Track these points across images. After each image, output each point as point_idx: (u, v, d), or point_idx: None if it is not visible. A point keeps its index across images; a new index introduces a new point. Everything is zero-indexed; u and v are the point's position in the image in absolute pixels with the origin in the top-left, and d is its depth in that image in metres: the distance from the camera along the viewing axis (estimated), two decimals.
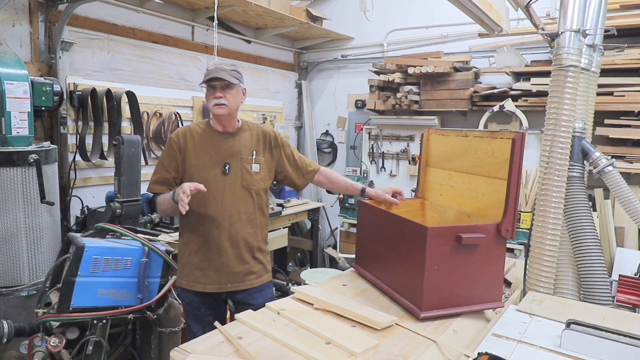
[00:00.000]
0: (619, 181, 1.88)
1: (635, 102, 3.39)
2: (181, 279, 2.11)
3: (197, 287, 2.06)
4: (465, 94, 4.16)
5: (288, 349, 1.30)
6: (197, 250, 2.06)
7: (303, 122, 5.71)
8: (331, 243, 5.37)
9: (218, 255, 2.04)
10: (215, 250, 2.04)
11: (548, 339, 1.31)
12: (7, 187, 2.43)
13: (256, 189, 2.10)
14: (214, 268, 2.05)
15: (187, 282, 2.08)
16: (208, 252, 2.04)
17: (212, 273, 2.05)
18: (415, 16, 4.79)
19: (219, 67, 2.00)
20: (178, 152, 2.05)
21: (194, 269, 2.06)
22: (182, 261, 2.11)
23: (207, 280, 2.05)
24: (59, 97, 2.94)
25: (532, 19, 2.57)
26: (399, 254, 1.65)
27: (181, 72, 4.15)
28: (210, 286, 2.06)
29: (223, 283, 2.06)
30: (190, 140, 2.06)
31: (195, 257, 2.06)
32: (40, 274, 2.54)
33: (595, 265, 1.84)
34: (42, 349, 1.87)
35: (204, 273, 2.05)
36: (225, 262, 2.05)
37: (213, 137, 2.08)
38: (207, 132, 2.09)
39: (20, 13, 3.00)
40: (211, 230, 2.03)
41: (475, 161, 1.79)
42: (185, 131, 2.10)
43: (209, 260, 2.05)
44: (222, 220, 2.03)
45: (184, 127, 2.14)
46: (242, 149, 2.09)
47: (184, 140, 2.06)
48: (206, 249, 2.04)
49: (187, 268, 2.08)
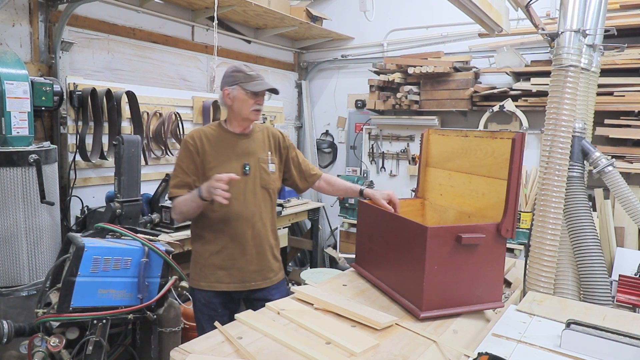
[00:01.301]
0: (619, 181, 1.88)
1: (635, 102, 3.39)
2: (199, 280, 2.10)
3: (219, 287, 2.07)
4: (465, 94, 4.16)
5: (288, 349, 1.30)
6: (220, 251, 2.06)
7: (303, 122, 5.71)
8: (331, 243, 5.36)
9: (242, 254, 2.07)
10: (239, 250, 2.07)
11: (548, 339, 1.31)
12: (7, 187, 2.43)
13: (273, 188, 2.16)
14: (237, 267, 2.07)
15: (207, 283, 2.08)
16: (232, 252, 2.06)
17: (236, 272, 2.07)
18: (415, 16, 4.79)
19: (259, 74, 2.07)
20: (196, 154, 2.04)
21: (217, 269, 2.07)
22: (201, 262, 2.10)
23: (230, 280, 2.07)
24: (59, 97, 2.94)
25: (532, 19, 2.57)
26: (399, 254, 1.65)
27: (181, 72, 4.15)
28: (233, 285, 2.08)
29: (246, 281, 2.09)
30: (207, 142, 2.06)
31: (218, 258, 2.07)
32: (40, 274, 2.54)
33: (595, 265, 1.84)
34: (42, 349, 1.87)
35: (228, 272, 2.07)
36: (249, 261, 2.08)
37: (229, 139, 2.10)
38: (222, 133, 2.10)
39: (20, 13, 3.00)
40: (235, 230, 2.05)
41: (475, 161, 1.79)
42: (199, 133, 2.09)
43: (232, 260, 2.07)
44: (245, 220, 2.06)
45: (196, 129, 2.13)
46: (257, 149, 2.13)
47: (200, 142, 2.05)
48: (230, 248, 2.06)
49: (208, 269, 2.08)
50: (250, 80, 2.04)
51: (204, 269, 2.09)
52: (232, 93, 2.05)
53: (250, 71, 2.07)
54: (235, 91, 2.04)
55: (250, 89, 2.03)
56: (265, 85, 2.07)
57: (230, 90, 2.05)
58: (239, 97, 2.04)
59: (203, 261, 2.10)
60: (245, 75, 2.04)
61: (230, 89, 2.05)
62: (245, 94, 2.03)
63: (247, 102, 2.04)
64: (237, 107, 2.06)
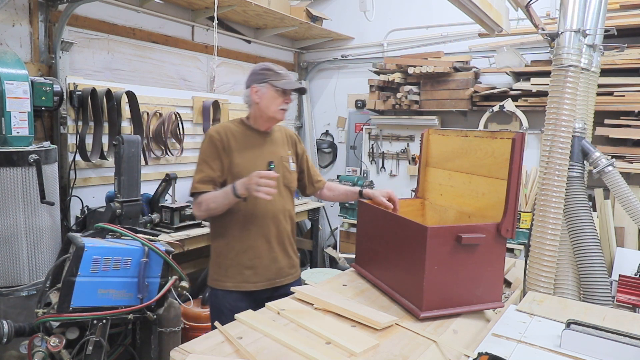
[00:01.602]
0: (619, 181, 1.88)
1: (635, 102, 3.39)
2: (225, 281, 2.06)
3: (246, 286, 2.04)
4: (465, 94, 4.16)
5: (288, 349, 1.30)
6: (246, 250, 2.04)
7: (303, 122, 5.71)
8: (331, 243, 5.36)
9: (269, 252, 2.07)
10: (266, 247, 2.06)
11: (548, 339, 1.31)
12: (7, 187, 2.43)
13: (293, 187, 2.19)
14: (264, 265, 2.06)
15: (233, 284, 2.04)
16: (259, 250, 2.05)
17: (263, 270, 2.06)
18: (415, 16, 4.79)
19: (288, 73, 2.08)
20: (222, 150, 2.01)
21: (243, 268, 2.04)
22: (227, 263, 2.06)
23: (257, 279, 2.05)
24: (59, 97, 2.94)
25: (532, 19, 2.57)
26: (399, 254, 1.65)
27: (181, 72, 4.15)
28: (260, 284, 2.06)
29: (272, 279, 2.08)
30: (232, 138, 2.04)
31: (245, 257, 2.04)
32: (40, 274, 2.54)
33: (595, 265, 1.84)
34: (42, 349, 1.87)
35: (255, 272, 2.05)
36: (275, 258, 2.08)
37: (255, 136, 2.09)
38: (247, 131, 2.09)
39: (20, 13, 3.00)
40: (261, 228, 2.04)
41: (475, 161, 1.79)
42: (225, 129, 2.06)
43: (260, 258, 2.05)
44: (271, 217, 2.06)
45: (220, 125, 2.11)
46: (279, 148, 2.14)
47: (227, 138, 2.02)
48: (257, 246, 2.05)
49: (235, 269, 2.05)
50: (280, 78, 2.03)
51: (229, 270, 2.05)
52: (261, 91, 2.03)
53: (280, 69, 2.06)
54: (264, 89, 2.03)
55: (281, 87, 2.02)
56: (295, 84, 2.07)
57: (259, 87, 2.03)
58: (267, 95, 2.03)
59: (228, 261, 2.06)
60: (275, 74, 2.04)
61: (259, 86, 2.03)
62: (275, 92, 2.03)
63: (276, 100, 2.03)
64: (265, 105, 2.04)
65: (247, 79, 2.10)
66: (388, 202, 1.99)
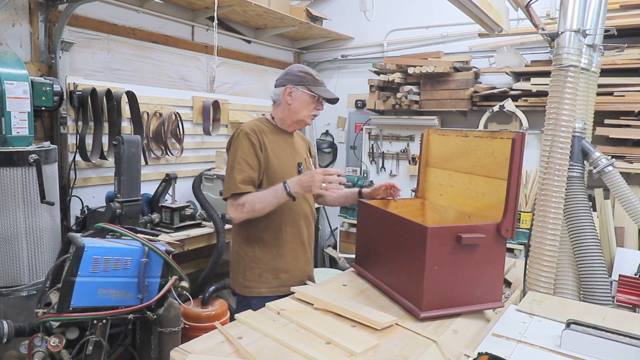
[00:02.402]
0: (619, 181, 1.88)
1: (635, 102, 3.39)
2: (259, 287, 2.00)
3: (283, 290, 1.94)
4: (465, 94, 4.16)
5: (288, 349, 1.30)
6: (283, 253, 2.01)
7: None
8: (331, 243, 5.36)
9: (303, 254, 2.08)
10: (301, 250, 2.07)
11: (548, 339, 1.31)
12: (7, 187, 2.43)
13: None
14: (299, 268, 2.06)
15: (268, 289, 1.99)
16: (295, 253, 2.04)
17: (298, 273, 2.05)
18: (415, 16, 4.79)
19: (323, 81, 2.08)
20: (260, 149, 1.95)
21: (280, 272, 2.00)
22: (262, 267, 2.00)
23: (293, 282, 1.99)
24: (59, 97, 2.94)
25: (532, 19, 2.57)
26: (399, 254, 1.65)
27: (181, 72, 4.15)
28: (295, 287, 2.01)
29: (304, 281, 2.06)
30: (265, 137, 1.99)
31: (281, 260, 2.01)
32: (40, 274, 2.54)
33: (595, 265, 1.84)
34: (42, 349, 1.87)
35: (291, 275, 2.02)
36: (307, 261, 2.11)
37: (284, 137, 2.07)
38: (276, 130, 2.06)
39: (20, 13, 3.00)
40: (298, 230, 2.04)
41: (475, 161, 1.79)
42: (258, 127, 2.00)
43: (296, 261, 2.04)
44: (304, 220, 2.07)
45: (251, 123, 2.03)
46: (302, 150, 2.15)
47: (262, 137, 1.97)
48: (293, 249, 2.03)
49: (270, 273, 2.00)
50: (318, 85, 2.03)
51: (264, 274, 2.00)
52: (296, 93, 2.00)
53: (317, 75, 2.06)
54: (299, 92, 2.00)
55: (320, 94, 2.01)
56: (331, 94, 2.05)
57: (295, 89, 2.00)
58: (302, 99, 2.01)
59: (263, 265, 2.00)
60: (314, 79, 2.02)
61: (294, 88, 2.00)
62: (310, 97, 2.01)
63: (309, 105, 2.02)
64: (297, 108, 2.02)
65: (281, 78, 2.06)
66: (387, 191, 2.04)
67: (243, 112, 4.53)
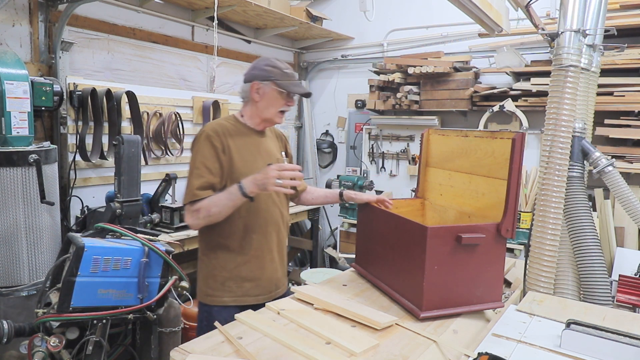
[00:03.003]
0: (619, 181, 1.88)
1: (635, 102, 3.39)
2: (222, 296, 1.88)
3: (247, 300, 1.86)
4: (465, 94, 4.16)
5: (288, 349, 1.30)
6: (249, 260, 1.88)
7: (303, 122, 5.71)
8: (331, 243, 5.36)
9: (271, 262, 1.93)
10: (268, 258, 1.92)
11: (548, 339, 1.31)
12: (7, 187, 2.43)
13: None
14: (266, 277, 1.92)
15: (231, 298, 1.87)
16: (261, 261, 1.90)
17: (265, 282, 1.91)
18: (415, 16, 4.79)
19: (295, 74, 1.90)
20: (222, 152, 1.80)
21: (243, 281, 1.88)
22: (224, 275, 1.88)
23: (259, 291, 1.90)
24: (59, 97, 2.94)
25: (532, 19, 2.57)
26: (399, 254, 1.65)
27: (181, 72, 4.15)
28: (262, 297, 1.89)
29: (273, 290, 1.95)
30: (230, 138, 1.83)
31: (246, 268, 1.88)
32: (40, 274, 2.54)
33: (595, 265, 1.84)
34: (42, 349, 1.87)
35: (256, 284, 1.89)
36: (275, 269, 1.95)
37: (251, 136, 1.91)
38: (244, 129, 1.90)
39: (20, 13, 3.00)
40: (264, 236, 1.90)
41: (475, 161, 1.79)
42: (222, 128, 1.84)
43: (262, 269, 1.90)
44: (273, 226, 1.92)
45: (216, 123, 1.88)
46: (274, 149, 1.99)
47: (225, 138, 1.82)
48: (259, 257, 1.89)
49: (233, 282, 1.87)
50: (287, 78, 1.86)
51: (227, 283, 1.88)
52: (263, 89, 1.85)
53: (286, 68, 1.87)
54: (266, 87, 1.85)
55: (287, 89, 1.85)
56: (301, 88, 1.90)
57: (262, 85, 1.85)
58: (269, 95, 1.86)
59: (227, 273, 1.88)
60: (282, 73, 1.86)
61: (261, 84, 1.85)
62: (278, 93, 1.85)
63: (278, 101, 1.86)
64: (264, 105, 1.87)
65: (248, 73, 1.90)
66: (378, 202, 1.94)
67: None
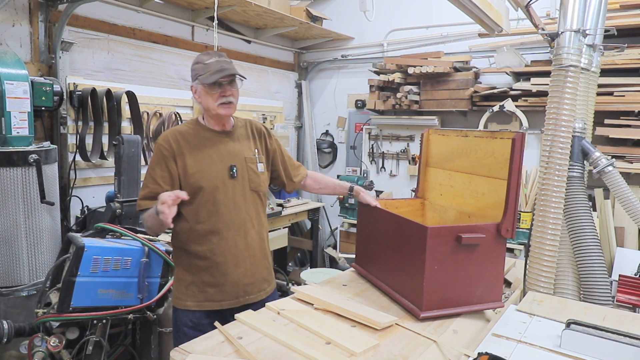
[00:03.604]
0: (619, 181, 1.88)
1: (635, 102, 3.39)
2: (185, 300, 1.83)
3: (209, 305, 1.83)
4: (465, 94, 4.16)
5: (288, 349, 1.30)
6: (209, 266, 1.82)
7: (303, 122, 5.71)
8: (331, 243, 5.36)
9: (235, 267, 1.84)
10: (232, 263, 1.83)
11: (548, 339, 1.31)
12: (7, 187, 2.43)
13: (263, 190, 1.94)
14: (231, 282, 1.84)
15: (194, 303, 1.82)
16: (224, 266, 1.82)
17: (229, 288, 1.84)
18: (415, 16, 4.79)
19: (221, 60, 1.76)
20: (172, 160, 1.77)
21: (206, 286, 1.82)
22: (187, 280, 1.84)
23: (223, 297, 1.83)
24: (59, 97, 2.94)
25: (532, 19, 2.57)
26: (399, 254, 1.65)
27: (181, 72, 4.15)
28: (226, 302, 1.84)
29: (241, 296, 1.86)
30: (185, 144, 1.79)
31: (206, 274, 1.82)
32: (40, 274, 2.54)
33: (595, 265, 1.84)
34: (42, 349, 1.87)
35: (219, 289, 1.83)
36: (243, 274, 1.86)
37: (211, 138, 1.84)
38: (202, 132, 1.84)
39: (20, 13, 3.00)
40: (225, 242, 1.82)
41: (475, 161, 1.79)
42: (174, 135, 1.81)
43: (225, 275, 1.82)
44: (236, 229, 1.83)
45: (171, 130, 1.86)
46: (243, 148, 1.89)
47: (177, 145, 1.78)
48: (221, 262, 1.82)
49: (195, 287, 1.83)
50: (206, 70, 1.75)
51: (190, 287, 1.83)
52: (196, 88, 1.81)
53: (209, 59, 1.77)
54: (198, 86, 1.79)
55: (206, 82, 1.74)
56: (219, 73, 1.73)
57: (194, 85, 1.81)
58: (202, 92, 1.78)
59: (190, 278, 1.83)
60: (203, 66, 1.76)
61: (194, 84, 1.82)
62: (205, 88, 1.76)
63: (211, 95, 1.76)
64: (204, 102, 1.80)
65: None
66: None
67: (243, 112, 4.53)
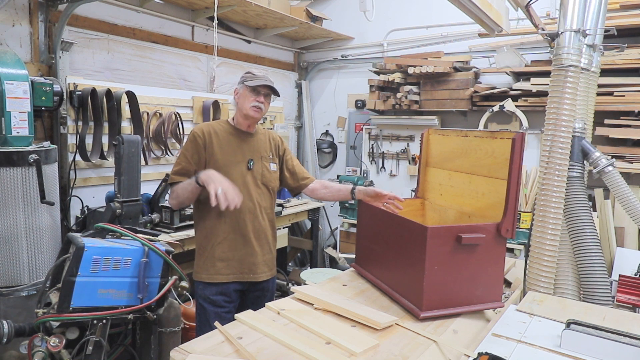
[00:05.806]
0: (619, 181, 1.88)
1: (635, 102, 3.39)
2: (201, 272, 2.19)
3: (218, 278, 2.15)
4: (465, 94, 4.16)
5: (288, 349, 1.30)
6: (221, 242, 2.15)
7: (303, 122, 5.71)
8: (331, 243, 5.36)
9: (243, 246, 2.17)
10: (241, 241, 2.16)
11: (548, 339, 1.31)
12: (7, 187, 2.43)
13: (272, 186, 2.29)
14: (238, 259, 2.17)
15: (207, 275, 2.16)
16: (234, 243, 2.16)
17: (236, 263, 2.17)
18: (415, 16, 4.79)
19: (266, 77, 2.22)
20: (202, 147, 2.15)
21: (217, 260, 2.15)
22: (205, 255, 2.18)
23: (229, 271, 2.16)
24: (59, 97, 2.94)
25: (532, 19, 2.57)
26: (399, 254, 1.66)
27: (181, 72, 4.15)
28: (232, 276, 2.16)
29: (245, 273, 2.19)
30: (215, 136, 2.18)
31: (219, 249, 2.15)
32: (40, 274, 2.54)
33: (595, 265, 1.84)
34: (42, 349, 1.87)
35: (228, 264, 2.16)
36: (250, 253, 2.18)
37: (237, 135, 2.23)
38: (230, 130, 2.24)
39: (20, 13, 3.00)
40: (237, 222, 2.15)
41: (475, 161, 1.79)
42: (208, 128, 2.21)
43: (233, 251, 2.16)
44: (247, 211, 2.16)
45: (205, 124, 2.26)
46: (261, 148, 2.27)
47: (209, 137, 2.17)
48: (231, 239, 2.15)
49: (209, 261, 2.17)
50: (254, 79, 2.20)
51: (206, 261, 2.17)
52: (238, 90, 2.23)
53: (258, 72, 2.23)
54: (241, 89, 2.21)
55: (250, 85, 2.17)
56: (261, 81, 2.18)
57: (238, 88, 2.24)
58: (242, 94, 2.20)
59: (206, 253, 2.18)
60: (251, 75, 2.21)
61: (238, 87, 2.24)
62: (246, 91, 2.18)
63: (249, 98, 2.17)
64: (240, 103, 2.20)
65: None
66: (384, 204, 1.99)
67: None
